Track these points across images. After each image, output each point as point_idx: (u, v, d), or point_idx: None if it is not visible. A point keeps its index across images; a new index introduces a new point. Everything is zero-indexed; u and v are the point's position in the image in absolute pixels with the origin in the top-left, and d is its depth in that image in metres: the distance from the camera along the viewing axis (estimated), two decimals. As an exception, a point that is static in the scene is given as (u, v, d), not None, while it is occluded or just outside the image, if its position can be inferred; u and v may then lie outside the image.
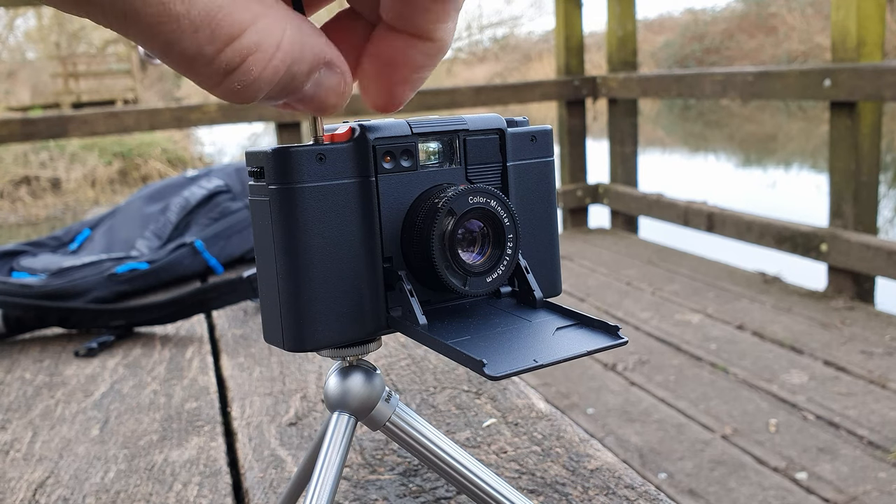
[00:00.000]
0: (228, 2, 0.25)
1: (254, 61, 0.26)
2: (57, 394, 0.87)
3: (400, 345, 0.91)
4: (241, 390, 0.83)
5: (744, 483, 1.83)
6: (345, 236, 0.40)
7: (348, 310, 0.40)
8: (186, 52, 0.25)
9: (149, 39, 0.25)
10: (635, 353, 2.65)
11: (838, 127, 3.14)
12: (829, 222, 3.23)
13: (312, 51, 0.29)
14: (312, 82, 0.30)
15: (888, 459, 1.87)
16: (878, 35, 3.02)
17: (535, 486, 0.59)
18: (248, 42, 0.26)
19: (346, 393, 0.44)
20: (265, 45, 0.27)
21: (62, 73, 14.99)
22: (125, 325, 1.05)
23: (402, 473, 0.62)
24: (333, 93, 0.31)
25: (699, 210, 3.81)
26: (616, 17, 4.49)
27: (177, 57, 0.26)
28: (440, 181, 0.42)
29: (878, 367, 2.38)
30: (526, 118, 0.46)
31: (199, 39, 0.25)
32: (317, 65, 0.29)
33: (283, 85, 0.28)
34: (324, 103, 0.31)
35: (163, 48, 0.25)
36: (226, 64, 0.26)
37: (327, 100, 0.31)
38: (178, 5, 0.24)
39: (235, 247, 1.36)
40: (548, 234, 0.46)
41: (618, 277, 3.59)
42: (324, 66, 0.30)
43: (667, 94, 4.23)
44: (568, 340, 0.39)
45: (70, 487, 0.65)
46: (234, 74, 0.26)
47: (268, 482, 0.63)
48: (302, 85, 0.29)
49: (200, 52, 0.25)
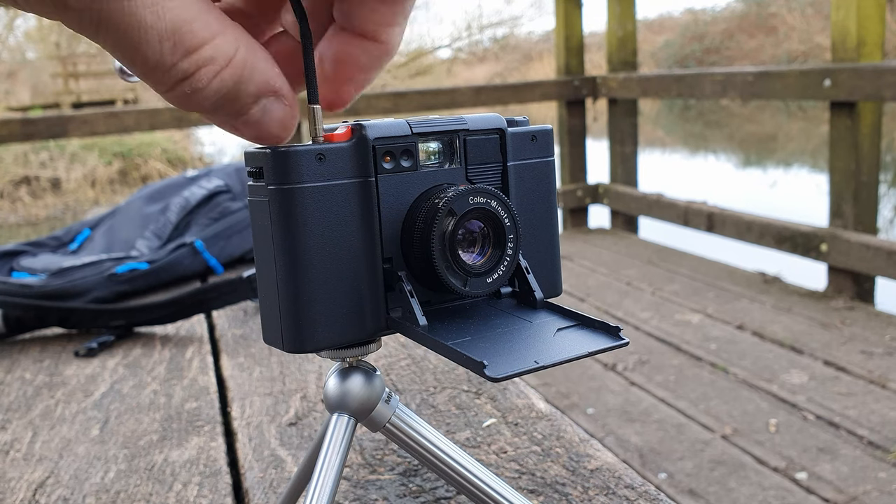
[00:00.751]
0: (193, 18, 0.28)
1: (206, 72, 0.29)
2: (57, 394, 0.87)
3: (400, 345, 0.91)
4: (241, 390, 0.83)
5: (744, 483, 1.83)
6: (344, 237, 0.39)
7: (348, 310, 0.40)
8: (149, 59, 0.28)
9: (117, 45, 0.28)
10: (635, 353, 2.65)
11: (838, 127, 3.14)
12: (829, 222, 3.23)
13: (263, 76, 0.31)
14: (260, 108, 0.31)
15: (888, 459, 1.87)
16: (878, 35, 3.02)
17: (535, 486, 0.59)
18: (204, 55, 0.29)
19: (345, 394, 0.44)
20: (218, 59, 0.29)
21: (62, 73, 14.99)
22: (125, 325, 1.05)
23: (402, 473, 0.62)
24: (278, 123, 0.32)
25: (699, 210, 3.81)
26: (616, 17, 4.49)
27: (140, 62, 0.28)
28: (440, 181, 0.42)
29: (878, 367, 2.38)
30: (526, 118, 0.46)
31: (163, 49, 0.28)
32: (265, 90, 0.31)
33: (229, 99, 0.30)
34: (267, 131, 0.32)
35: (128, 54, 0.28)
36: (182, 72, 0.29)
37: (271, 128, 0.32)
38: (150, 17, 0.27)
39: (235, 247, 1.36)
40: (548, 234, 0.46)
41: (618, 277, 3.59)
42: (272, 95, 0.31)
43: (667, 94, 4.23)
44: (569, 341, 0.39)
45: (70, 487, 0.65)
46: (186, 82, 0.29)
47: (268, 482, 0.63)
48: (247, 107, 0.31)
49: (161, 60, 0.28)
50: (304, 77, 0.36)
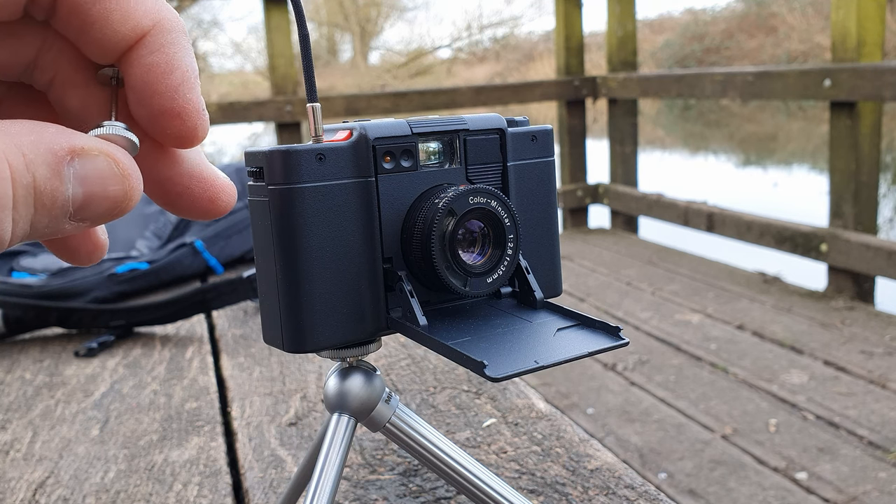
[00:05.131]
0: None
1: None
2: (57, 394, 0.87)
3: (400, 345, 0.91)
4: (241, 390, 0.83)
5: (744, 483, 1.83)
6: (344, 237, 0.39)
7: (348, 310, 0.40)
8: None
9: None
10: (635, 353, 2.65)
11: (838, 127, 3.14)
12: (829, 222, 3.23)
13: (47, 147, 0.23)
14: (71, 184, 0.23)
15: (888, 459, 1.87)
16: (878, 35, 3.02)
17: (535, 486, 0.59)
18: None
19: (345, 394, 0.44)
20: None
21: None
22: (125, 325, 1.05)
23: (402, 473, 0.62)
24: (109, 180, 0.24)
25: (699, 210, 3.81)
26: (616, 17, 4.49)
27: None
28: (440, 181, 0.42)
29: (878, 367, 2.38)
30: (526, 118, 0.46)
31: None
32: (61, 158, 0.23)
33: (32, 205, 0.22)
34: (104, 197, 0.24)
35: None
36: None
37: (106, 191, 0.24)
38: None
39: (235, 247, 1.36)
40: (548, 234, 0.46)
41: (618, 277, 3.59)
42: (76, 157, 0.24)
43: (667, 94, 4.22)
44: (569, 341, 0.39)
45: (70, 487, 0.65)
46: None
47: (268, 482, 0.63)
48: (56, 193, 0.23)
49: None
50: (304, 77, 0.36)
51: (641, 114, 6.68)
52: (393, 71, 17.82)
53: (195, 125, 0.27)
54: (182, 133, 0.27)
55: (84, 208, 0.24)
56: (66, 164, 0.23)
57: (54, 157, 0.23)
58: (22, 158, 0.22)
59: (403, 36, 29.14)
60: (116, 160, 0.24)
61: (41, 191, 0.23)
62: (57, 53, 0.27)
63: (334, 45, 19.93)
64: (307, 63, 0.37)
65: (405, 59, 18.70)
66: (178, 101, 0.26)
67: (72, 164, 0.23)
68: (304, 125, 4.12)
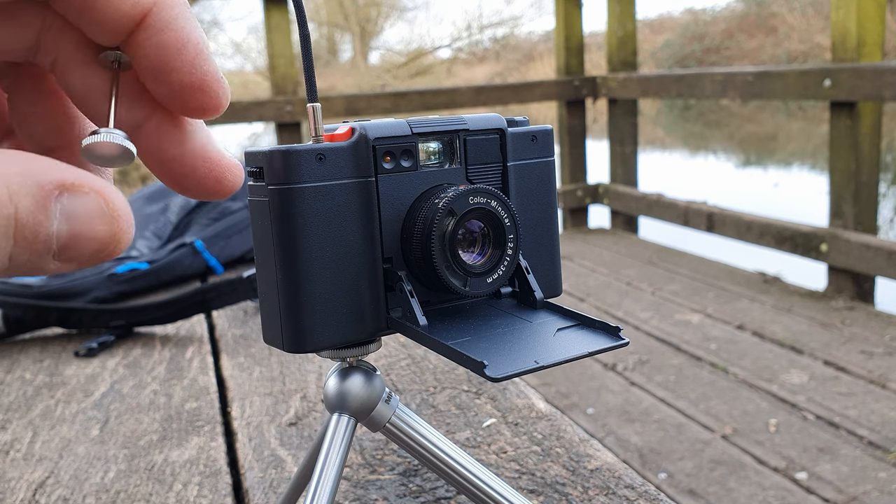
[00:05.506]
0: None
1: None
2: (57, 394, 0.87)
3: (400, 345, 0.91)
4: (241, 390, 0.83)
5: (744, 483, 1.83)
6: (344, 237, 0.39)
7: (348, 310, 0.40)
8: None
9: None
10: (635, 353, 2.65)
11: (838, 127, 3.14)
12: (829, 222, 3.23)
13: (34, 180, 0.22)
14: (56, 220, 0.22)
15: (888, 459, 1.87)
16: (878, 35, 3.02)
17: (535, 486, 0.59)
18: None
19: (345, 394, 0.44)
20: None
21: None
22: (125, 325, 1.05)
23: (402, 473, 0.62)
24: (97, 220, 0.23)
25: (699, 210, 3.81)
26: (616, 17, 4.49)
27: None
28: (440, 181, 0.42)
29: (878, 367, 2.38)
30: (526, 118, 0.46)
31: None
32: (48, 192, 0.22)
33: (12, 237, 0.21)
34: (91, 238, 0.23)
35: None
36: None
37: (93, 231, 0.23)
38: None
39: (235, 247, 1.36)
40: (548, 234, 0.46)
41: (618, 277, 3.59)
42: (64, 192, 0.22)
43: (667, 94, 4.22)
44: (569, 341, 0.39)
45: (70, 487, 0.65)
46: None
47: (268, 482, 0.63)
48: (39, 227, 0.22)
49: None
50: (305, 77, 0.36)
51: (641, 114, 6.68)
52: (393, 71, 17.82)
53: (217, 94, 0.27)
54: (206, 104, 0.27)
55: (69, 247, 0.23)
56: (53, 199, 0.22)
57: (41, 190, 0.22)
58: (6, 189, 0.21)
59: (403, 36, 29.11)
60: (107, 199, 0.23)
61: (23, 223, 0.21)
62: (57, 34, 0.27)
63: (334, 45, 19.93)
64: (308, 63, 0.37)
65: (405, 59, 18.70)
66: (197, 75, 0.26)
67: (59, 200, 0.22)
68: (304, 125, 4.12)
